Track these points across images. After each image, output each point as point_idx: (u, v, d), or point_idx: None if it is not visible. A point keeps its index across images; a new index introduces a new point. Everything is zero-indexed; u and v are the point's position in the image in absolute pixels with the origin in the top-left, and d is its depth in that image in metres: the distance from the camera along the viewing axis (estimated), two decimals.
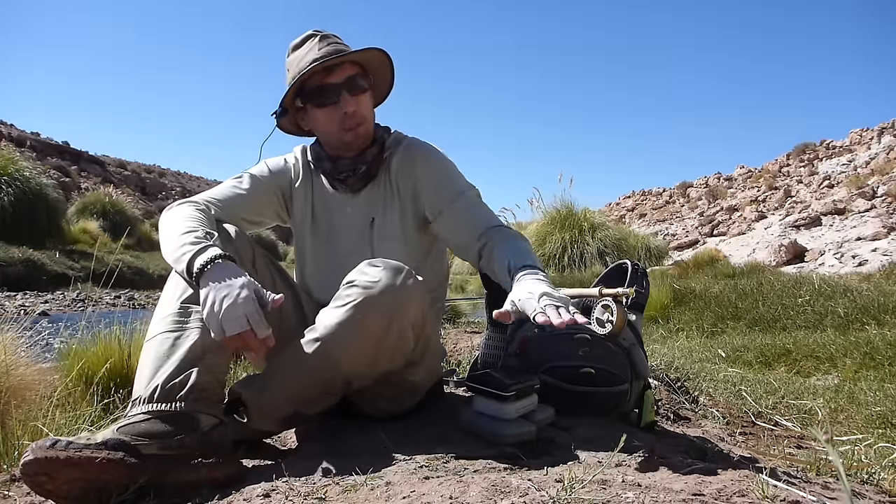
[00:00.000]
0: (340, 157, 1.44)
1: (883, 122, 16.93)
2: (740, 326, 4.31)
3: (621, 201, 25.33)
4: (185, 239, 1.17)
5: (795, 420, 2.04)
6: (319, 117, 1.39)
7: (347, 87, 1.36)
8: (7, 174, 9.06)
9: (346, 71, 1.36)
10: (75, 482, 0.93)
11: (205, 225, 1.23)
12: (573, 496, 0.80)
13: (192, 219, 1.24)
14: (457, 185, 1.42)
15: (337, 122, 1.37)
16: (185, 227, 1.20)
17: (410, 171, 1.44)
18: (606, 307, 1.42)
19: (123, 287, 7.88)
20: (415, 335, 1.23)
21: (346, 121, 1.37)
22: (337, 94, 1.35)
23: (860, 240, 8.61)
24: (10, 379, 1.51)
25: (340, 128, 1.37)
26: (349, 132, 1.38)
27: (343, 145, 1.41)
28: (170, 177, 35.46)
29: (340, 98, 1.35)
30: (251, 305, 1.05)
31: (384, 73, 1.47)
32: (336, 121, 1.37)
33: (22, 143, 22.20)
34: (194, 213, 1.26)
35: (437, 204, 1.40)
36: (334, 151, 1.45)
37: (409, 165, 1.44)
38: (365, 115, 1.40)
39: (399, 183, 1.44)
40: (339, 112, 1.36)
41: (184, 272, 1.14)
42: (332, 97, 1.35)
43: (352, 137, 1.39)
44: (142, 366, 1.11)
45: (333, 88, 1.35)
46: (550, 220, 8.05)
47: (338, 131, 1.38)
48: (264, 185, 1.46)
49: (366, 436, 1.24)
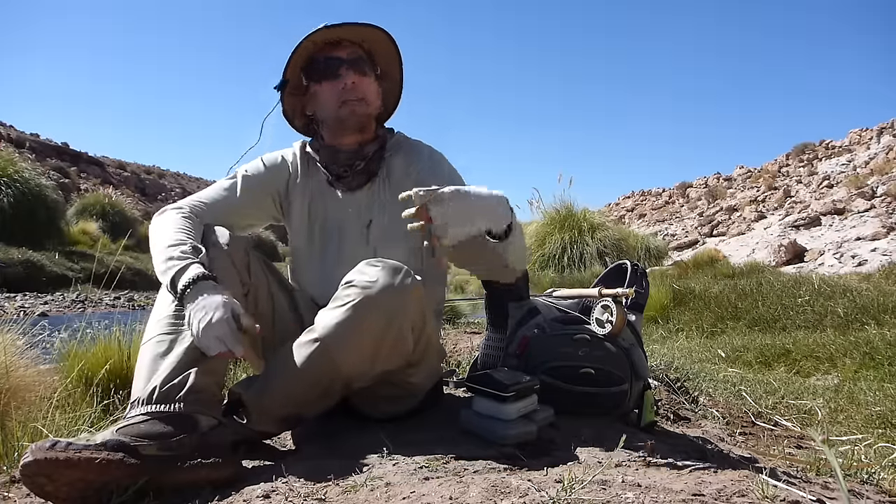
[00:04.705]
0: (339, 149, 1.44)
1: (882, 122, 16.94)
2: (740, 327, 4.31)
3: (621, 201, 25.34)
4: (170, 253, 1.17)
5: (795, 420, 2.04)
6: (322, 92, 1.41)
7: (350, 63, 1.39)
8: (6, 175, 9.04)
9: (351, 49, 1.41)
10: (75, 483, 0.93)
11: (191, 237, 1.23)
12: (573, 496, 0.80)
13: (180, 229, 1.24)
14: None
15: (337, 95, 1.39)
16: (172, 240, 1.20)
17: (411, 173, 1.44)
18: (606, 307, 1.43)
19: (123, 288, 7.87)
20: (414, 335, 1.23)
21: (345, 94, 1.38)
22: (339, 67, 1.38)
23: (860, 240, 8.62)
24: (9, 380, 1.51)
25: (339, 101, 1.39)
26: (346, 107, 1.38)
27: (340, 124, 1.41)
28: (169, 178, 35.46)
29: (342, 71, 1.38)
30: (224, 327, 1.05)
31: (392, 67, 1.49)
32: (336, 94, 1.39)
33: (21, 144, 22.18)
34: (182, 223, 1.26)
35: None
36: (333, 138, 1.45)
37: (410, 168, 1.45)
38: (366, 95, 1.41)
39: (398, 185, 1.44)
40: (339, 86, 1.38)
41: (168, 287, 1.15)
42: (335, 69, 1.38)
43: (348, 113, 1.39)
44: (140, 367, 1.11)
45: (337, 61, 1.39)
46: (550, 221, 8.05)
47: (336, 106, 1.39)
48: (259, 187, 1.45)
49: (365, 436, 1.24)
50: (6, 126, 26.73)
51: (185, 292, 1.11)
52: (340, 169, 1.43)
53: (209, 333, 1.05)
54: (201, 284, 1.11)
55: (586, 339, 1.40)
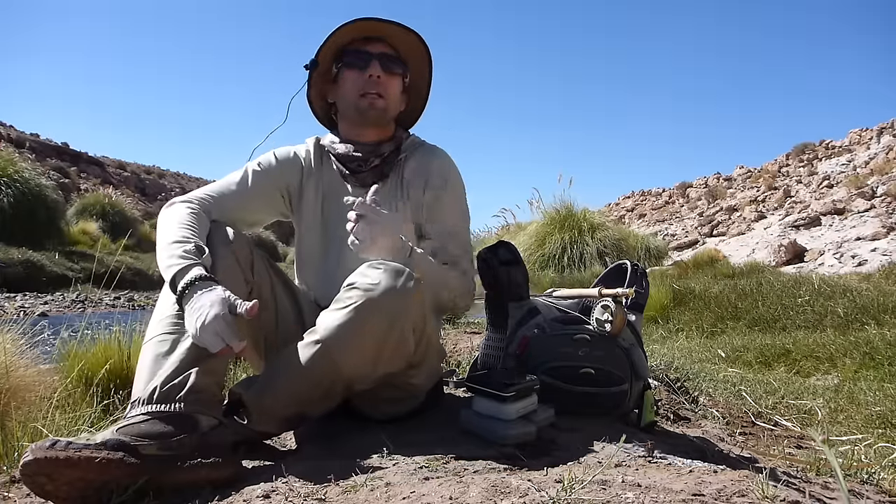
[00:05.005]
0: (356, 143, 1.45)
1: (882, 122, 16.93)
2: (740, 327, 4.31)
3: (621, 201, 25.32)
4: (174, 250, 1.18)
5: (795, 420, 2.04)
6: (346, 80, 1.44)
7: (380, 59, 1.42)
8: (6, 175, 9.04)
9: (385, 48, 1.44)
10: (75, 483, 0.93)
11: (196, 233, 1.23)
12: (573, 496, 0.80)
13: (186, 226, 1.24)
14: (451, 220, 1.45)
15: (360, 85, 1.42)
16: (177, 236, 1.21)
17: (424, 181, 1.45)
18: (606, 307, 1.43)
19: (123, 288, 7.87)
20: (416, 337, 1.23)
21: (367, 85, 1.41)
22: (368, 60, 1.41)
23: (860, 240, 8.61)
24: (9, 380, 1.51)
25: (360, 92, 1.41)
26: (365, 98, 1.41)
27: (358, 115, 1.44)
28: (169, 178, 35.44)
29: (370, 64, 1.41)
30: (220, 323, 1.05)
31: (422, 74, 1.51)
32: (359, 84, 1.42)
33: (21, 144, 22.17)
34: (190, 219, 1.26)
35: (427, 229, 1.44)
36: (350, 131, 1.47)
37: (423, 175, 1.46)
38: (388, 91, 1.44)
39: (410, 189, 1.45)
40: (364, 76, 1.41)
41: (168, 285, 1.16)
42: (364, 61, 1.41)
43: (367, 105, 1.42)
44: (140, 367, 1.11)
45: (367, 55, 1.42)
46: (550, 221, 8.05)
47: (357, 96, 1.42)
48: (269, 181, 1.45)
49: (366, 437, 1.24)
50: (6, 126, 26.71)
51: (183, 293, 1.11)
52: (355, 164, 1.44)
53: (207, 330, 1.05)
54: (199, 285, 1.11)
55: (586, 339, 1.40)
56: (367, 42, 1.43)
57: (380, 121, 1.45)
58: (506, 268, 1.48)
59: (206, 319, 1.05)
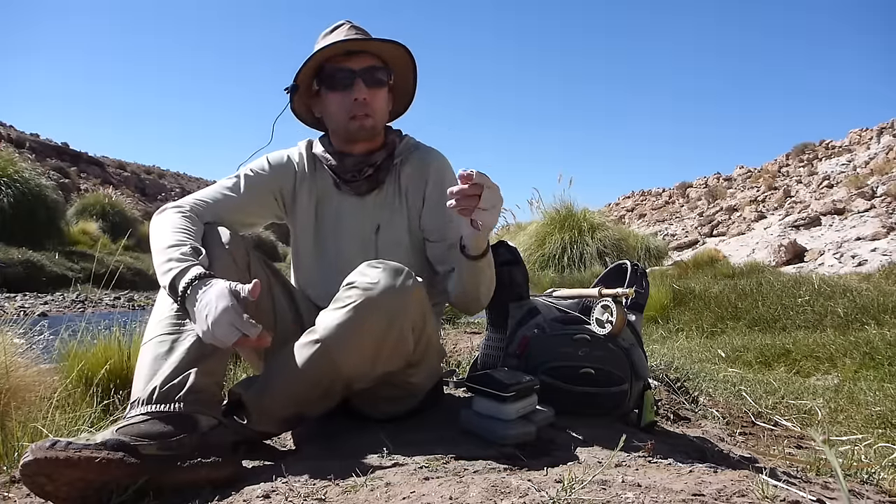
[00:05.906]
0: (347, 155, 1.43)
1: (882, 122, 16.92)
2: (740, 327, 4.31)
3: (621, 202, 25.32)
4: (170, 254, 1.17)
5: (795, 420, 2.04)
6: (331, 102, 1.40)
7: (363, 76, 1.37)
8: (6, 175, 9.04)
9: (367, 61, 1.38)
10: (75, 483, 0.93)
11: (191, 237, 1.23)
12: (573, 496, 0.80)
13: (180, 230, 1.24)
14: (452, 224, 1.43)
15: (346, 108, 1.37)
16: (172, 241, 1.20)
17: (421, 184, 1.45)
18: (606, 307, 1.43)
19: (123, 288, 7.86)
20: (415, 336, 1.23)
21: (354, 108, 1.37)
22: (352, 80, 1.36)
23: (860, 240, 8.61)
24: (9, 380, 1.51)
25: (348, 115, 1.38)
26: (355, 121, 1.38)
27: (348, 136, 1.41)
28: (169, 178, 35.44)
29: (354, 84, 1.36)
30: (231, 313, 1.05)
31: (406, 77, 1.48)
32: (346, 107, 1.37)
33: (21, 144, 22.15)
34: (182, 223, 1.26)
35: (429, 233, 1.44)
36: (341, 145, 1.45)
37: (420, 178, 1.45)
38: (375, 110, 1.40)
39: (408, 193, 1.45)
40: (349, 98, 1.37)
41: (167, 288, 1.15)
42: (347, 81, 1.36)
43: (356, 127, 1.38)
44: (140, 368, 1.11)
45: (350, 74, 1.36)
46: (550, 221, 8.05)
47: (345, 119, 1.38)
48: (262, 186, 1.45)
49: (365, 436, 1.24)
50: (6, 126, 26.71)
51: (185, 294, 1.11)
52: (348, 174, 1.43)
53: (220, 323, 1.04)
54: (200, 283, 1.11)
55: (586, 339, 1.40)
56: (348, 57, 1.37)
57: (370, 136, 1.42)
58: (506, 268, 1.48)
59: (216, 313, 1.05)
